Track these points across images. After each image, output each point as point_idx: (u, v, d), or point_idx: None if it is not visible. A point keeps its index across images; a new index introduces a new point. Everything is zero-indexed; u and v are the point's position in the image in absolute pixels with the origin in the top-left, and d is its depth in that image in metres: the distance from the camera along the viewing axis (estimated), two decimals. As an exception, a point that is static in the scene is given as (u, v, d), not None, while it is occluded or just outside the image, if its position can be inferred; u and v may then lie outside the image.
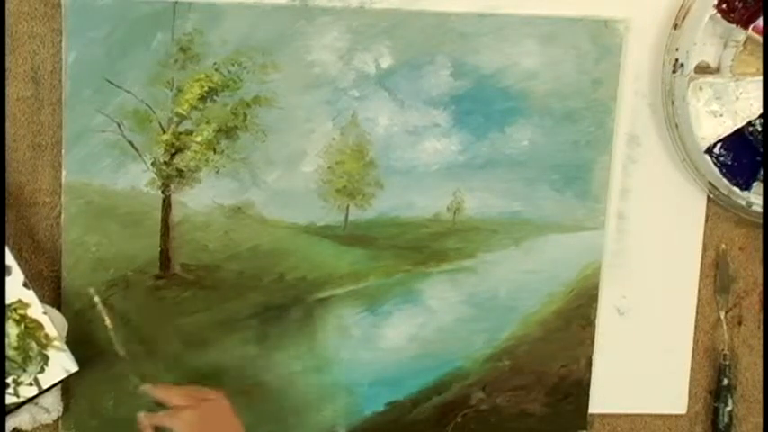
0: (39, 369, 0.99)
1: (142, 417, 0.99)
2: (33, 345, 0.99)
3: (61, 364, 1.00)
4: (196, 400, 0.98)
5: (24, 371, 0.99)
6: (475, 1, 1.07)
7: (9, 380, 0.98)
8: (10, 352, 0.98)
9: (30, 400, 0.99)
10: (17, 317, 0.98)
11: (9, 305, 0.98)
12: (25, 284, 0.98)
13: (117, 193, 1.05)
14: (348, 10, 1.06)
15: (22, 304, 0.98)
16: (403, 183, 1.10)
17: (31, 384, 0.99)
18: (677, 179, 1.15)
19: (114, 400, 1.08)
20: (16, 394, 0.99)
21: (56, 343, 0.99)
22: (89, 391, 1.07)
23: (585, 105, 1.11)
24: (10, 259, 0.98)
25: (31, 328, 0.98)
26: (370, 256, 1.11)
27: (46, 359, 0.99)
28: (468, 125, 1.10)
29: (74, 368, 1.00)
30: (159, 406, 1.00)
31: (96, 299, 1.04)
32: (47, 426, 1.07)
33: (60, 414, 1.06)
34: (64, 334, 1.01)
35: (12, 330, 0.98)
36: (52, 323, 0.99)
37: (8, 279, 0.98)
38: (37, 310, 0.99)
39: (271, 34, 1.05)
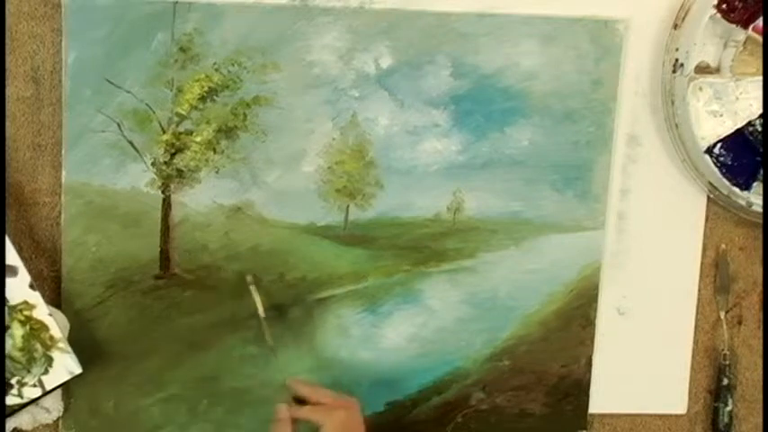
0: (43, 371, 0.99)
1: (283, 409, 1.00)
2: (38, 346, 0.98)
3: (65, 365, 0.99)
4: (341, 402, 1.00)
5: (28, 372, 0.99)
6: (475, 1, 1.07)
7: (13, 381, 0.98)
8: (15, 353, 0.98)
9: (33, 401, 0.99)
10: (22, 318, 0.98)
11: (15, 306, 0.98)
12: (31, 286, 0.98)
13: (117, 193, 1.05)
14: (348, 10, 1.06)
15: (27, 305, 0.98)
16: (403, 183, 1.10)
17: (35, 386, 0.99)
18: (677, 179, 1.15)
19: (114, 400, 1.08)
20: (20, 395, 0.99)
21: (60, 345, 0.99)
22: (89, 391, 1.07)
23: (585, 105, 1.11)
24: (17, 260, 0.98)
25: (36, 330, 0.98)
26: (370, 256, 1.11)
27: (50, 361, 0.99)
28: (468, 125, 1.10)
29: (77, 370, 1.00)
30: (298, 402, 1.02)
31: (252, 287, 1.05)
32: (47, 426, 1.07)
33: (60, 414, 1.06)
34: (66, 334, 1.01)
35: (17, 331, 0.98)
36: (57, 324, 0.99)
37: (14, 280, 0.97)
38: (42, 311, 0.99)
39: (271, 34, 1.05)
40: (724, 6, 1.07)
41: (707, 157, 1.10)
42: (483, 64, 1.09)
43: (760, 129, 1.11)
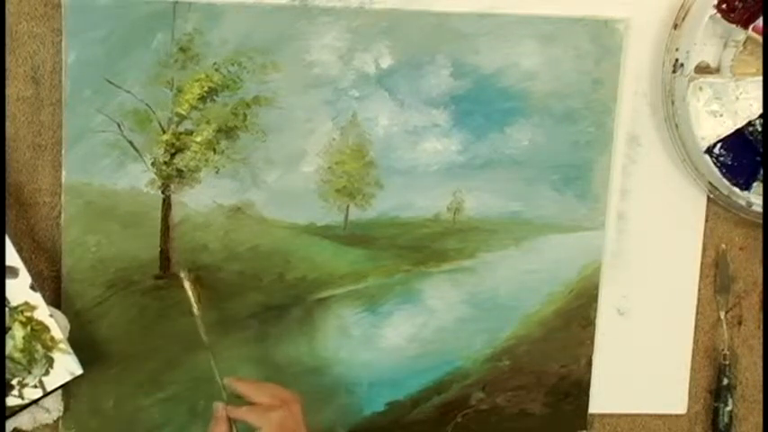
0: (44, 371, 0.99)
1: (220, 408, 0.98)
2: (39, 347, 0.98)
3: (66, 366, 0.99)
4: (281, 401, 0.97)
5: (29, 373, 0.98)
6: (475, 1, 1.07)
7: (14, 382, 0.98)
8: (15, 354, 0.98)
9: (34, 402, 0.99)
10: (23, 319, 0.98)
11: (16, 307, 0.98)
12: (32, 287, 0.98)
13: (117, 193, 1.05)
14: (348, 10, 1.06)
15: (28, 306, 0.98)
16: (403, 183, 1.10)
17: (35, 387, 0.99)
18: (677, 179, 1.15)
19: (114, 400, 1.08)
20: (21, 396, 0.99)
21: (61, 345, 0.99)
22: (89, 391, 1.07)
23: (585, 105, 1.11)
24: (17, 261, 0.98)
25: (37, 331, 0.98)
26: (370, 256, 1.11)
27: (51, 361, 0.99)
28: (468, 125, 1.10)
29: (78, 371, 1.00)
30: (238, 399, 0.99)
31: (186, 284, 1.02)
32: (47, 426, 1.07)
33: (60, 414, 1.06)
34: (66, 335, 1.01)
35: (18, 333, 0.98)
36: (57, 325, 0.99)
37: (15, 281, 0.98)
38: (43, 312, 0.99)
39: (271, 34, 1.05)
40: (724, 6, 1.07)
41: (707, 157, 1.10)
42: (483, 64, 1.09)
43: (760, 129, 1.11)
